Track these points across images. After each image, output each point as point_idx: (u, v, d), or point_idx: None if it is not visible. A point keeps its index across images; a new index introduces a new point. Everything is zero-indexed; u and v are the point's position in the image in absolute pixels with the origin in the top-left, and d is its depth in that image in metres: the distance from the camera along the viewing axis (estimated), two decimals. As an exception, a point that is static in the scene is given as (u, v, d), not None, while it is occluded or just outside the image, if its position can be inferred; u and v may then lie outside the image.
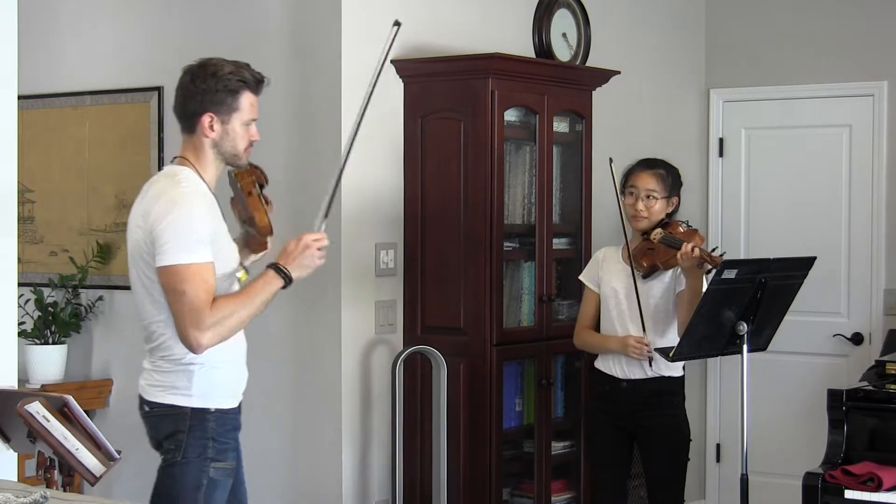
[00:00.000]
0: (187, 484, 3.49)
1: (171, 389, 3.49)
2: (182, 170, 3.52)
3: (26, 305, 5.54)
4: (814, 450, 4.70)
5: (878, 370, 4.76)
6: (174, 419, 3.50)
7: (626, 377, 4.60)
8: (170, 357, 3.49)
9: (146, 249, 3.43)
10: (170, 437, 3.52)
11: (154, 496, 3.60)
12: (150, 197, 3.47)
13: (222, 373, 3.52)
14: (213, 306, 3.37)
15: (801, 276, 4.31)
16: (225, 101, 3.49)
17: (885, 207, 6.33)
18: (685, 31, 6.76)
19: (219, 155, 3.55)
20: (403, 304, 5.21)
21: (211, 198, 3.52)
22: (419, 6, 5.25)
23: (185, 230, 3.36)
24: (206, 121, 3.49)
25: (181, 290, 3.34)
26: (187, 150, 3.56)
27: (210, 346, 3.39)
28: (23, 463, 5.05)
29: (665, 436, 4.61)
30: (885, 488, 4.23)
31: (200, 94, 3.48)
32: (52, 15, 5.85)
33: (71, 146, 5.83)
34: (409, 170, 5.17)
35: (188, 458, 3.49)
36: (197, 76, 3.50)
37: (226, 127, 3.51)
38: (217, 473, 3.51)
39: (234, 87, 3.49)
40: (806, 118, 6.53)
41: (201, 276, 3.35)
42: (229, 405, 3.55)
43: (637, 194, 4.61)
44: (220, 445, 3.52)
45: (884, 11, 6.35)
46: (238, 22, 5.30)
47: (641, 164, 4.69)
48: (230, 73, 3.50)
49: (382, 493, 5.13)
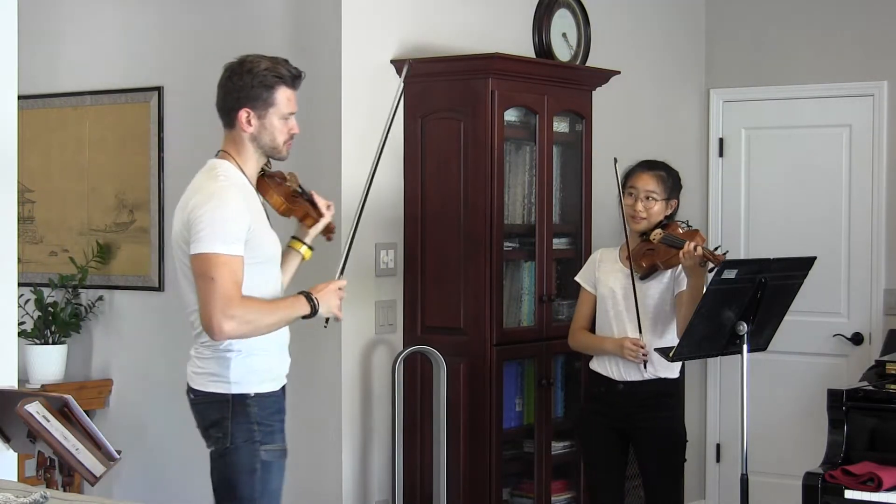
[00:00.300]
0: (242, 469, 3.58)
1: (211, 377, 3.60)
2: (221, 163, 3.64)
3: (26, 305, 5.54)
4: (814, 450, 4.70)
5: (878, 370, 4.76)
6: (218, 407, 3.59)
7: (622, 379, 4.59)
8: (207, 344, 3.59)
9: (184, 239, 3.54)
10: (216, 424, 3.61)
11: (215, 485, 3.67)
12: (190, 190, 3.61)
13: (259, 360, 3.61)
14: (243, 302, 3.48)
15: (801, 276, 4.31)
16: (261, 96, 3.61)
17: (885, 207, 6.33)
18: (685, 31, 6.76)
19: (258, 148, 3.67)
20: (403, 304, 5.21)
21: (249, 189, 3.64)
22: (419, 6, 5.25)
23: (220, 222, 3.47)
24: (243, 116, 3.62)
25: (210, 277, 3.44)
26: (228, 144, 3.68)
27: (230, 336, 3.49)
28: (23, 463, 5.06)
29: (661, 438, 4.60)
30: (885, 488, 4.23)
31: (237, 91, 3.61)
32: (52, 15, 5.85)
33: (71, 146, 5.83)
34: (409, 170, 5.17)
35: (237, 444, 3.58)
36: (234, 73, 3.63)
37: (263, 121, 3.63)
38: (269, 456, 3.60)
39: (269, 82, 3.62)
40: (806, 118, 6.53)
41: (230, 268, 3.46)
42: (268, 389, 3.63)
43: (636, 195, 4.60)
44: (266, 428, 3.60)
45: (884, 11, 6.35)
46: (238, 22, 5.30)
47: (642, 166, 4.68)
48: (266, 69, 3.62)
49: (382, 493, 5.14)
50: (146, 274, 5.57)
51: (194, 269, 3.50)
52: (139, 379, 5.63)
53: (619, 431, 4.64)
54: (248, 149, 3.66)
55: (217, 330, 3.45)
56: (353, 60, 4.97)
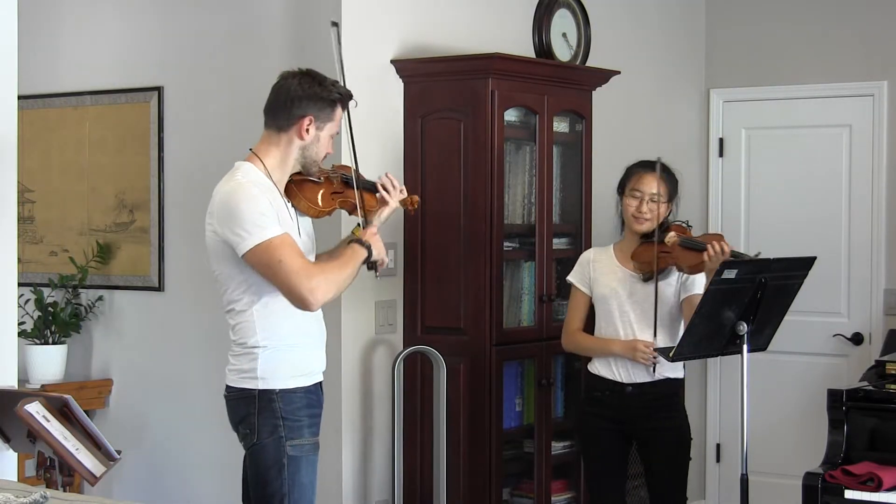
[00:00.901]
0: (269, 465, 3.62)
1: (241, 373, 3.65)
2: (242, 164, 3.69)
3: (26, 305, 5.54)
4: (814, 450, 4.70)
5: (878, 370, 4.76)
6: (245, 403, 3.64)
7: (631, 381, 4.56)
8: (238, 341, 3.66)
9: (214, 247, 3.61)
10: (243, 420, 3.65)
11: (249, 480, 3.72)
12: (214, 198, 3.64)
13: (287, 355, 3.64)
14: (317, 267, 3.59)
15: (802, 276, 4.31)
16: (325, 109, 3.68)
17: (885, 207, 6.33)
18: (685, 31, 6.76)
19: (302, 158, 3.71)
20: (403, 304, 5.21)
21: (270, 186, 3.64)
22: (419, 6, 5.25)
23: (248, 213, 3.52)
24: (305, 122, 3.66)
25: (277, 260, 3.50)
26: (263, 146, 3.71)
27: (324, 300, 3.57)
28: (23, 463, 5.06)
29: (670, 439, 4.59)
30: (885, 488, 4.23)
31: (308, 98, 3.66)
32: (52, 15, 5.85)
33: (71, 146, 5.83)
34: (409, 170, 5.17)
35: (262, 440, 3.62)
36: (305, 80, 3.68)
37: (319, 133, 3.69)
38: (295, 451, 3.64)
39: (334, 98, 3.70)
40: (806, 118, 6.53)
41: (287, 244, 3.53)
42: (295, 385, 3.65)
43: (641, 197, 4.58)
44: (293, 423, 3.63)
45: (884, 11, 6.35)
46: (238, 22, 5.31)
47: (646, 167, 4.64)
48: (332, 84, 3.70)
49: (382, 493, 5.14)
50: (146, 274, 5.57)
51: (257, 266, 3.53)
52: (139, 379, 5.63)
53: (624, 434, 4.62)
54: (290, 155, 3.68)
55: (311, 300, 3.53)
56: (354, 60, 4.96)
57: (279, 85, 3.71)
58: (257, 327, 3.62)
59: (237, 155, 5.35)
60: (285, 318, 3.63)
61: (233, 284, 3.63)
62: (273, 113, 3.69)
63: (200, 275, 5.43)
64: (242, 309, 3.63)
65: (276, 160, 3.67)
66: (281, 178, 3.69)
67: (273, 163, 3.67)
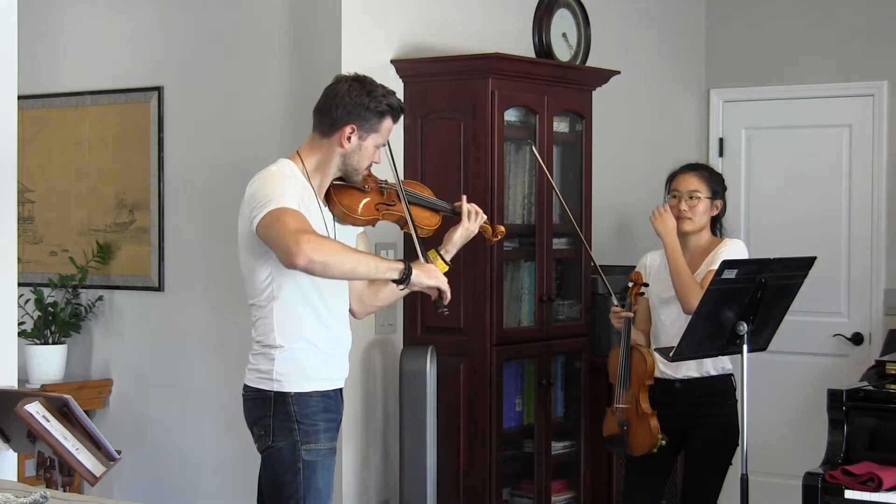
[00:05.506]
0: (284, 468, 3.59)
1: (258, 373, 3.62)
2: (281, 161, 3.65)
3: (26, 305, 5.54)
4: (814, 450, 4.70)
5: (878, 370, 4.76)
6: (261, 403, 3.61)
7: (678, 377, 4.59)
8: (257, 339, 3.63)
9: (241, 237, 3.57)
10: (258, 421, 3.62)
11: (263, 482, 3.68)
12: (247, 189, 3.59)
13: (304, 358, 3.60)
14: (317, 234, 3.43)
15: (802, 276, 4.30)
16: (370, 119, 3.63)
17: (885, 207, 6.33)
18: (685, 31, 6.76)
19: (343, 165, 3.66)
20: (403, 304, 5.20)
21: (304, 184, 3.60)
22: (419, 6, 5.25)
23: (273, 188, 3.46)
24: (347, 130, 3.61)
25: (277, 220, 3.40)
26: (307, 146, 3.68)
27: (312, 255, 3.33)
28: (23, 463, 5.05)
29: (714, 437, 4.57)
30: (885, 488, 4.22)
31: (353, 106, 3.61)
32: (52, 15, 5.85)
33: (71, 146, 5.83)
34: (409, 170, 5.17)
35: (277, 443, 3.59)
36: (353, 88, 3.63)
37: (361, 143, 3.64)
38: (310, 455, 3.59)
39: (382, 109, 3.64)
40: (806, 118, 6.53)
41: (293, 212, 3.43)
42: (311, 388, 3.61)
43: (680, 196, 4.63)
44: (308, 427, 3.59)
45: (884, 11, 6.35)
46: (238, 22, 5.31)
47: (683, 168, 4.72)
48: (382, 95, 3.65)
49: (382, 493, 5.14)
50: (146, 274, 5.57)
51: (261, 234, 3.45)
52: (139, 379, 5.63)
53: (674, 434, 4.59)
54: (332, 162, 3.64)
55: (296, 251, 3.32)
56: (354, 60, 4.96)
57: (330, 88, 3.68)
58: (275, 326, 3.58)
59: (237, 155, 5.38)
60: (305, 320, 3.60)
61: (255, 278, 3.59)
62: (320, 116, 3.67)
63: (200, 275, 5.44)
64: (262, 305, 3.60)
65: (315, 162, 3.64)
66: (321, 184, 3.65)
67: (313, 165, 3.64)
